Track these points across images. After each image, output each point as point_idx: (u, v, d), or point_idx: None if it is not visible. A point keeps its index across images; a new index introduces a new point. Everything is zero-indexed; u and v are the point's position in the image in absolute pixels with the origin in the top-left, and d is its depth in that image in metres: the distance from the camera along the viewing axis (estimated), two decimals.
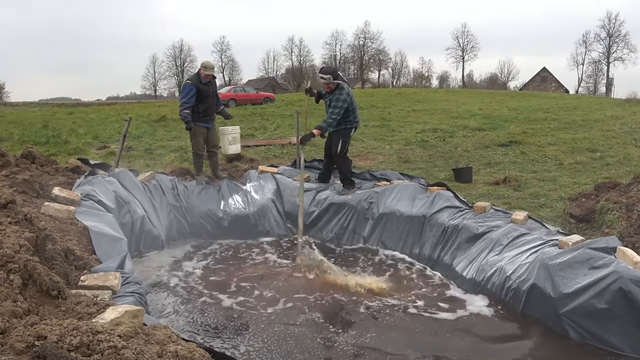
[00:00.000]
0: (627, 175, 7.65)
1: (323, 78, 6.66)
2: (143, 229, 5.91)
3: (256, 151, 10.75)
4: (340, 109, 6.65)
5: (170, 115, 19.35)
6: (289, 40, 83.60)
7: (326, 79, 6.63)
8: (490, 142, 11.77)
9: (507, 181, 7.82)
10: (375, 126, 14.88)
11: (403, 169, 8.73)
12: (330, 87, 6.71)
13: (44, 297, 2.69)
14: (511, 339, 4.13)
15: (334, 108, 6.65)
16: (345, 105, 6.67)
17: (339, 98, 6.65)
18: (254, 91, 33.43)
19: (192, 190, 6.97)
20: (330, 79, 6.62)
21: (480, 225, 5.55)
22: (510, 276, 4.61)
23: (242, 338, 4.06)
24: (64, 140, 12.38)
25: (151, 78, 76.42)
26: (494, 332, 4.22)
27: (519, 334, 4.18)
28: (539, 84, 69.44)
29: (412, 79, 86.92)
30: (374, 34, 77.58)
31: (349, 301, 4.81)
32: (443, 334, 4.20)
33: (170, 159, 9.69)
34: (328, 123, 6.66)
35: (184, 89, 7.08)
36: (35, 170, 5.87)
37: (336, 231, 6.69)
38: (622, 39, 64.63)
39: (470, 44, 76.28)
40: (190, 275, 5.44)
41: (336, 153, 6.99)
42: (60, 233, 4.08)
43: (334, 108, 6.65)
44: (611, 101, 27.14)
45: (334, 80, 6.64)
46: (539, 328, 4.18)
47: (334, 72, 6.72)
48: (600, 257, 4.07)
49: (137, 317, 2.63)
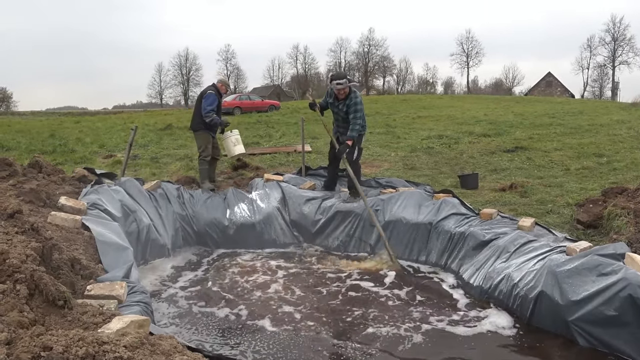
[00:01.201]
0: (634, 180, 7.60)
1: (340, 84, 6.64)
2: (149, 238, 5.91)
3: (262, 159, 10.77)
4: (362, 112, 6.79)
5: (176, 123, 19.46)
6: (293, 48, 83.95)
7: (343, 83, 6.65)
8: (496, 148, 11.74)
9: (513, 187, 7.79)
10: (381, 133, 14.88)
11: (409, 176, 8.71)
12: (346, 91, 6.75)
13: (50, 307, 2.70)
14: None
15: (355, 112, 6.73)
16: (363, 108, 6.80)
17: (356, 102, 6.74)
18: (259, 99, 33.58)
19: (198, 199, 6.98)
20: (346, 82, 6.67)
21: (487, 232, 5.52)
22: (518, 283, 4.57)
23: (249, 345, 4.05)
24: (71, 149, 12.46)
25: (157, 86, 76.95)
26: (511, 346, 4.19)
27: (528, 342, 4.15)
28: (544, 89, 69.33)
29: (417, 85, 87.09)
30: (378, 41, 77.98)
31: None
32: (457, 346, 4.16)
33: (176, 168, 9.72)
34: (356, 130, 6.75)
35: (209, 97, 7.55)
36: (42, 179, 5.90)
37: (342, 239, 6.67)
38: (627, 42, 64.65)
39: (474, 49, 76.47)
40: (195, 284, 5.44)
41: (352, 160, 6.95)
42: (66, 242, 4.09)
43: (355, 112, 6.73)
44: (617, 105, 27.07)
45: (349, 84, 6.69)
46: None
47: (346, 77, 6.75)
48: (608, 263, 4.03)
49: (143, 327, 2.63)
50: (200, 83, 77.46)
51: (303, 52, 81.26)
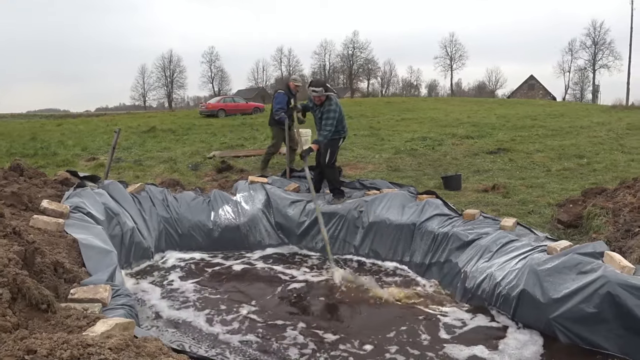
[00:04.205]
0: (613, 180, 7.75)
1: (315, 91, 6.89)
2: (133, 241, 5.88)
3: (246, 161, 10.76)
4: (333, 120, 6.92)
5: (159, 126, 19.35)
6: (278, 50, 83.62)
7: (318, 92, 6.88)
8: (478, 150, 11.87)
9: (495, 188, 7.89)
10: (365, 135, 14.95)
11: (393, 177, 8.77)
12: (321, 99, 6.95)
13: (34, 311, 2.68)
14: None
15: (326, 120, 6.93)
16: (336, 116, 6.94)
17: (329, 109, 6.92)
18: (243, 101, 33.51)
19: (182, 202, 6.95)
20: (322, 91, 6.88)
21: (470, 232, 5.59)
22: (500, 282, 4.64)
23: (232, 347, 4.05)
24: (53, 152, 12.33)
25: (140, 89, 76.31)
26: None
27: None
28: (527, 92, 70.20)
29: (401, 87, 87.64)
30: (362, 44, 78.09)
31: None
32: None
33: (160, 170, 9.68)
34: (324, 136, 6.94)
35: (278, 97, 8.86)
36: (23, 182, 5.83)
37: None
38: (607, 46, 65.56)
39: (458, 52, 77.06)
40: (180, 287, 5.41)
41: (324, 163, 7.17)
42: (49, 246, 4.06)
43: (326, 120, 6.93)
44: (597, 108, 27.52)
45: (325, 93, 6.89)
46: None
47: (324, 85, 6.97)
48: (588, 262, 4.11)
49: (128, 329, 2.62)
50: (184, 85, 77.18)
51: (287, 54, 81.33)
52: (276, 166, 10.08)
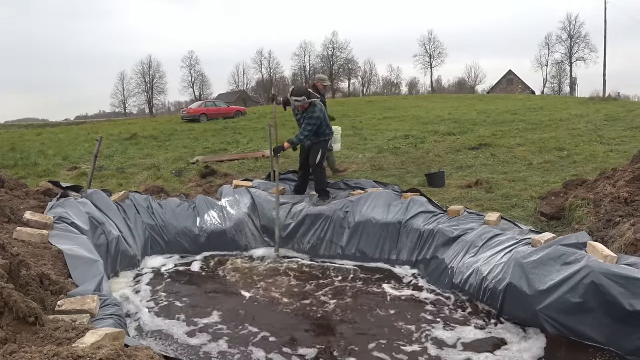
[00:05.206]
0: (593, 172, 7.88)
1: (298, 101, 6.91)
2: (119, 250, 5.82)
3: (230, 166, 10.72)
4: (314, 126, 6.98)
5: (141, 132, 19.21)
6: (258, 53, 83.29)
7: (301, 101, 6.91)
8: (461, 146, 11.97)
9: (479, 184, 7.97)
10: (348, 135, 14.98)
11: (377, 176, 8.81)
12: (305, 106, 6.99)
13: (21, 324, 2.65)
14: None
15: (307, 125, 6.97)
16: (319, 122, 7.02)
17: (312, 116, 6.96)
18: (225, 105, 33.37)
19: (167, 209, 6.91)
20: (304, 100, 6.91)
21: (455, 228, 5.64)
22: (487, 277, 4.70)
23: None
24: (34, 163, 12.15)
25: (120, 95, 75.38)
26: None
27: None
28: (506, 87, 70.96)
29: (382, 86, 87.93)
30: (342, 44, 78.22)
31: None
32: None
33: (144, 178, 9.61)
34: (300, 139, 7.03)
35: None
36: (5, 194, 5.75)
37: (313, 242, 6.69)
38: (582, 39, 66.56)
39: (437, 50, 77.62)
40: (168, 294, 5.38)
41: (314, 164, 7.20)
42: (34, 258, 4.02)
43: (307, 125, 6.97)
44: (576, 100, 27.90)
45: (308, 100, 6.92)
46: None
47: (306, 93, 6.99)
48: (571, 253, 4.19)
49: (118, 339, 2.61)
50: (165, 91, 76.50)
51: (267, 57, 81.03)
52: (260, 170, 10.07)
